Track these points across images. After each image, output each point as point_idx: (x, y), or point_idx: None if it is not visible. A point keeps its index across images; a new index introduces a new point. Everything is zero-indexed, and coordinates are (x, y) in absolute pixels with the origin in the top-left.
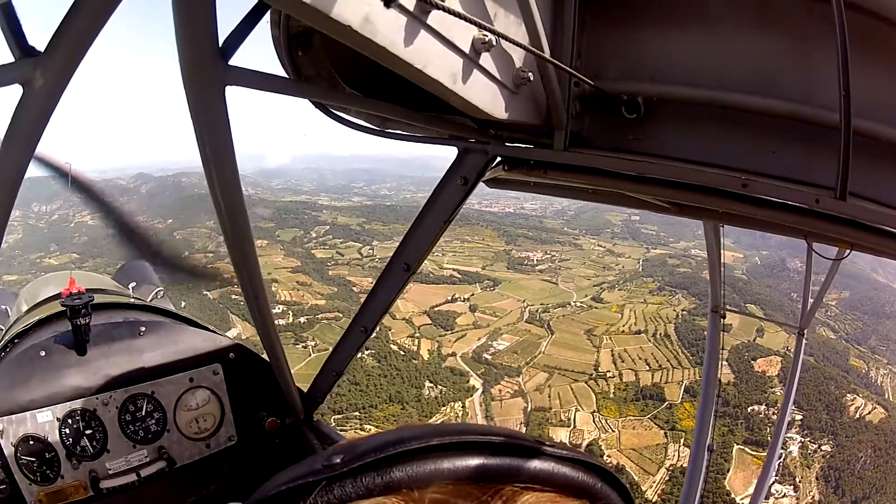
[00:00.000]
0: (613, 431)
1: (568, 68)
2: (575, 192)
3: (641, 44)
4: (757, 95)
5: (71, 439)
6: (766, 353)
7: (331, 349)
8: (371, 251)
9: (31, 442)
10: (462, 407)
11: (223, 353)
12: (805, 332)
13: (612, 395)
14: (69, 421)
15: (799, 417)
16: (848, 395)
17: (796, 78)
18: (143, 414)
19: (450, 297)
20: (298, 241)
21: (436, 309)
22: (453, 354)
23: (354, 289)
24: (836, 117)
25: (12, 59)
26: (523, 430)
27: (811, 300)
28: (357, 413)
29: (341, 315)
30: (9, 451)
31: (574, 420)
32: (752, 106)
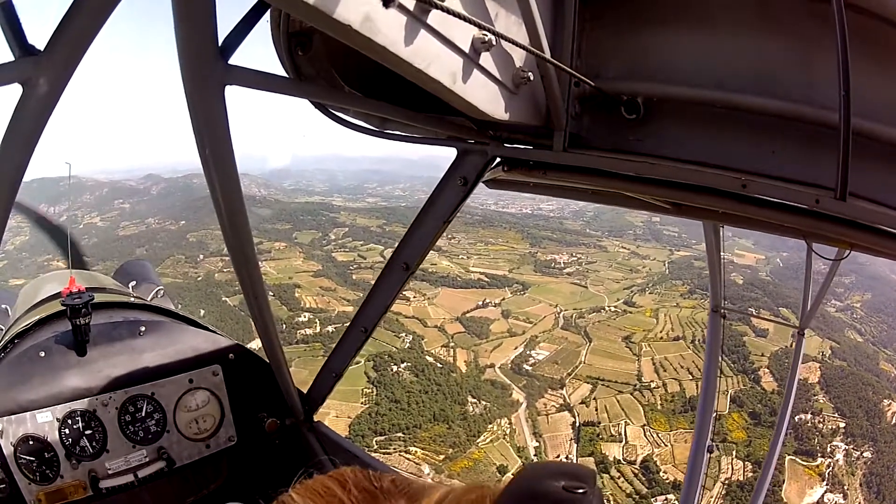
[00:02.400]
0: (666, 446)
1: (568, 68)
2: (574, 192)
3: (641, 44)
4: (757, 95)
5: (70, 439)
6: (804, 359)
7: (365, 359)
8: None
9: (31, 442)
10: (508, 423)
11: (223, 353)
12: (805, 331)
13: (659, 407)
14: (69, 421)
15: (842, 425)
16: (885, 400)
17: (796, 78)
18: (143, 415)
19: (480, 303)
20: (317, 244)
21: (468, 315)
22: (492, 366)
23: None
24: (836, 117)
25: (12, 59)
26: (573, 447)
27: (811, 300)
28: (400, 434)
29: None
30: (8, 450)
31: (625, 435)
32: (752, 106)
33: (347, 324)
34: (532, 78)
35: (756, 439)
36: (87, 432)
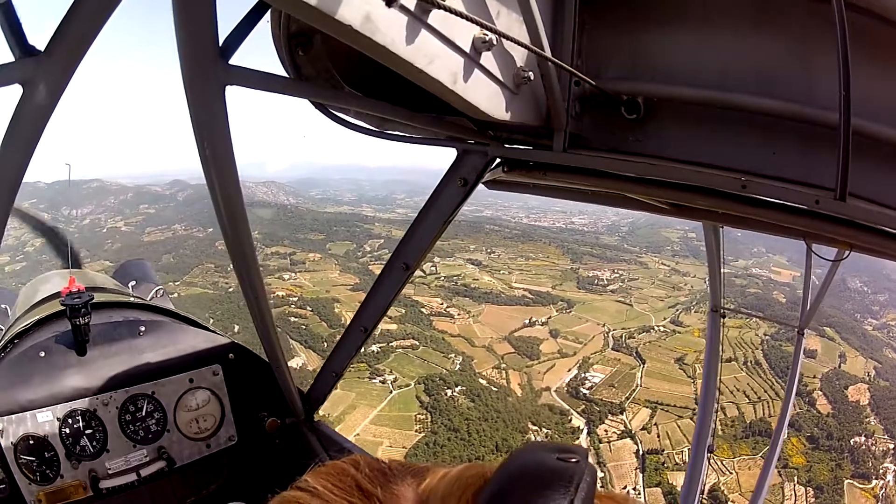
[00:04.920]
0: (731, 473)
1: (569, 67)
2: (574, 193)
3: (641, 44)
4: (757, 95)
5: (71, 439)
6: (853, 380)
7: (415, 381)
8: (434, 269)
9: (31, 441)
10: None
11: (223, 353)
12: (805, 331)
13: (720, 433)
14: (69, 421)
15: (891, 446)
16: None
17: (796, 78)
18: (144, 414)
19: (527, 321)
20: (352, 256)
21: (516, 334)
22: (547, 389)
23: (423, 310)
24: (836, 117)
25: (12, 59)
26: (639, 477)
27: (811, 301)
28: None
29: (418, 343)
30: (8, 450)
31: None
32: (752, 106)
33: (393, 342)
34: (532, 77)
35: (815, 464)
36: (88, 432)
